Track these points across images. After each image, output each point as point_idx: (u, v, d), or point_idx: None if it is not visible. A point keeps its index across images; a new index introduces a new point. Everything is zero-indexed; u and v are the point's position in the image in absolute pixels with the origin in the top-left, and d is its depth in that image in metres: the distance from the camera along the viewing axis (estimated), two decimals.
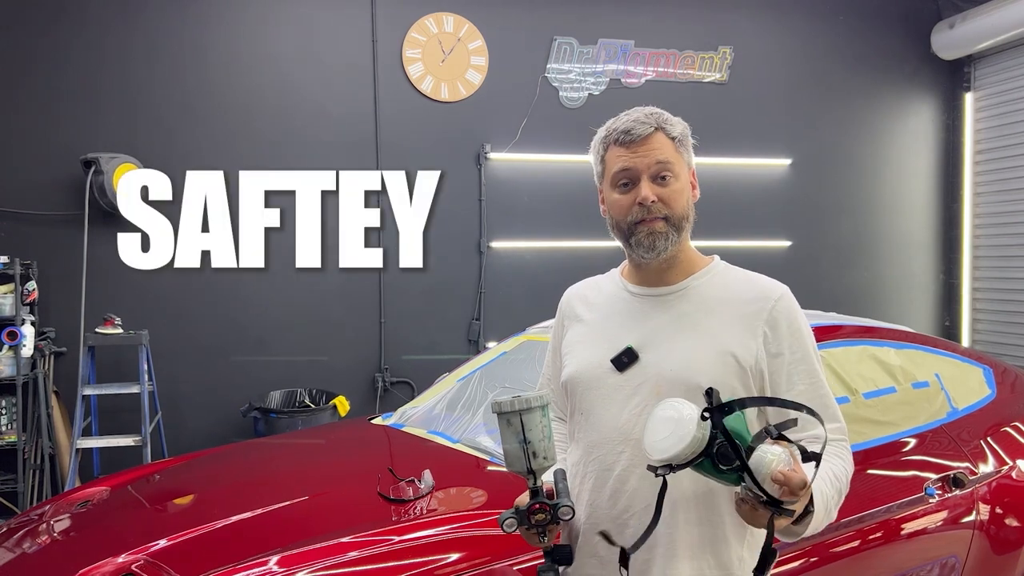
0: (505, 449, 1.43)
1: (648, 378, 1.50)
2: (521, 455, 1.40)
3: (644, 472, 1.45)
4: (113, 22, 4.85)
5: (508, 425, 1.41)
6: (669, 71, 5.79)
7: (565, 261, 5.52)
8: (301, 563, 1.87)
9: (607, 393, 1.53)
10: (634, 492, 1.48)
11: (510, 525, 1.40)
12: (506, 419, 1.42)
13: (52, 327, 4.75)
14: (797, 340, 1.51)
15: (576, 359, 1.61)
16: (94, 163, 4.59)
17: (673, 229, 1.51)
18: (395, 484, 2.28)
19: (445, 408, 3.00)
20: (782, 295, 1.54)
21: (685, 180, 1.54)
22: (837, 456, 1.50)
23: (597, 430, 1.54)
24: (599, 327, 1.61)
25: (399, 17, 5.29)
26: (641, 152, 1.51)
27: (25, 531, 2.44)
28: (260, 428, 4.66)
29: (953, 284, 6.52)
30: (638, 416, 1.48)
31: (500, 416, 1.43)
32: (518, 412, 1.41)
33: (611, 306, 1.62)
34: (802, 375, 1.51)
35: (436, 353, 5.28)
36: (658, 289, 1.57)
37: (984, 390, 2.97)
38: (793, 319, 1.52)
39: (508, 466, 1.44)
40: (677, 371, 1.48)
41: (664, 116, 1.55)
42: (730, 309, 1.52)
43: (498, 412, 1.43)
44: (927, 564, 2.47)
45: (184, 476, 2.85)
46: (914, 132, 6.41)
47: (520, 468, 1.41)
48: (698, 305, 1.54)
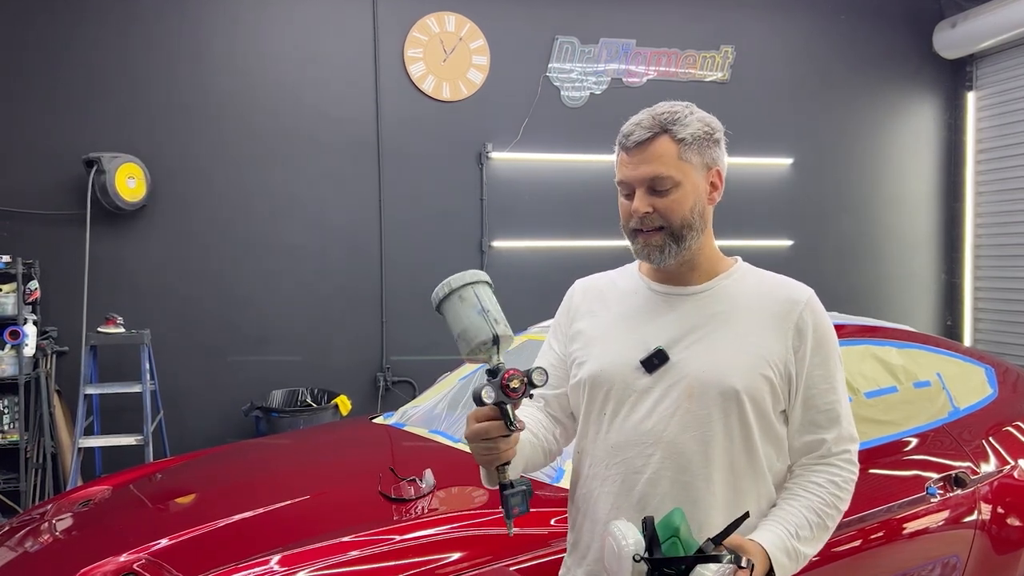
0: (462, 328, 1.36)
1: (679, 380, 1.46)
2: (484, 323, 1.35)
3: (676, 475, 1.45)
4: (115, 21, 4.85)
5: (462, 301, 1.37)
6: (671, 70, 5.79)
7: (566, 261, 5.52)
8: (302, 562, 1.87)
9: (636, 394, 1.49)
10: (664, 496, 1.45)
11: (488, 395, 1.31)
12: (458, 295, 1.37)
13: (54, 326, 4.76)
14: (821, 345, 1.51)
15: (598, 357, 1.54)
16: (96, 162, 4.59)
17: (672, 239, 1.47)
18: (396, 483, 2.28)
19: (446, 407, 3.00)
20: (809, 298, 1.53)
21: (692, 185, 1.48)
22: (823, 484, 1.49)
23: (623, 432, 1.49)
24: (620, 324, 1.56)
25: (400, 17, 5.29)
26: (636, 161, 1.47)
27: (27, 530, 2.45)
28: (262, 427, 4.66)
29: (955, 283, 6.51)
30: (669, 418, 1.46)
31: (451, 295, 1.38)
32: (470, 284, 1.37)
33: (631, 303, 1.57)
34: (821, 379, 1.51)
35: (437, 353, 5.28)
36: (683, 289, 1.54)
37: (986, 389, 2.96)
38: (819, 323, 1.52)
39: (467, 344, 1.37)
40: (710, 373, 1.45)
41: (676, 116, 1.48)
42: (759, 311, 1.50)
43: (448, 291, 1.38)
44: (928, 564, 2.47)
45: (186, 475, 2.86)
46: (916, 131, 6.40)
47: (484, 337, 1.35)
48: (728, 306, 1.51)
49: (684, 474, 1.45)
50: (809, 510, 1.46)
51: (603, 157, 5.47)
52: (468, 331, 1.36)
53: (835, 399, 1.51)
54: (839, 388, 1.53)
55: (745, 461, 1.47)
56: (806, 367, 1.49)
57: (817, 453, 1.51)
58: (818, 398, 1.50)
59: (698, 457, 1.45)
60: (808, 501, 1.47)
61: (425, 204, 5.39)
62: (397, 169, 5.32)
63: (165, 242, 4.95)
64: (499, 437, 1.34)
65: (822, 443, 1.50)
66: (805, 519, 1.46)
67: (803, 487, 1.49)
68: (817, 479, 1.49)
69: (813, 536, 1.46)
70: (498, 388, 1.32)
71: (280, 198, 5.13)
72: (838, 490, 1.49)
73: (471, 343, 1.36)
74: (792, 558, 1.42)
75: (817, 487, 1.49)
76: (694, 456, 1.45)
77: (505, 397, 1.32)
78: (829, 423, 1.50)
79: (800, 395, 1.50)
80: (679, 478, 1.45)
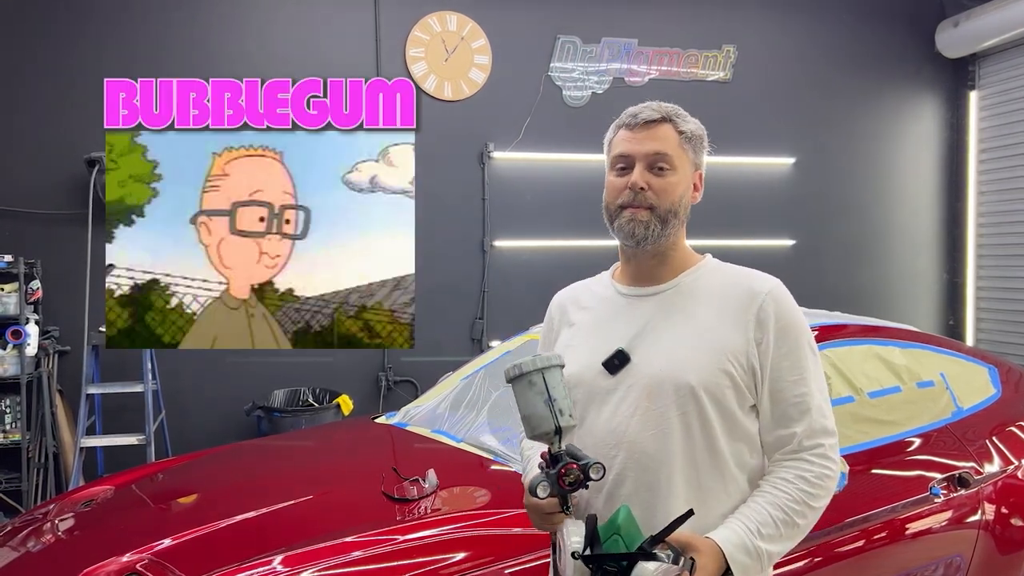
0: (527, 414, 1.39)
1: (639, 379, 1.48)
2: (548, 414, 1.36)
3: (639, 475, 1.46)
4: (117, 21, 4.85)
5: (531, 386, 1.38)
6: (672, 70, 5.78)
7: (568, 260, 5.51)
8: (305, 563, 1.87)
9: (600, 396, 1.51)
10: (629, 496, 1.46)
11: (544, 489, 1.34)
12: (527, 380, 1.38)
13: (56, 326, 4.76)
14: (786, 334, 1.48)
15: (570, 363, 1.55)
16: (97, 162, 4.59)
17: (657, 220, 1.49)
18: (399, 483, 2.28)
19: (449, 407, 3.00)
20: (772, 288, 1.51)
21: (684, 176, 1.53)
22: (790, 480, 1.45)
23: (591, 434, 1.51)
24: (590, 330, 1.59)
25: (402, 16, 5.29)
26: (642, 137, 1.52)
27: (29, 530, 2.45)
28: (264, 427, 4.66)
29: (957, 283, 6.50)
30: (630, 418, 1.47)
31: (521, 377, 1.39)
32: (541, 370, 1.38)
33: (602, 308, 1.60)
34: (788, 370, 1.47)
35: (439, 352, 5.28)
36: (648, 288, 1.56)
37: (989, 389, 2.96)
38: (783, 312, 1.49)
39: (531, 431, 1.39)
40: (666, 370, 1.46)
41: (679, 111, 1.55)
42: (719, 304, 1.50)
43: (518, 374, 1.39)
44: (932, 564, 2.46)
45: (188, 475, 2.86)
46: (918, 131, 6.39)
47: (547, 428, 1.37)
48: (688, 303, 1.52)
49: (646, 473, 1.45)
50: (774, 507, 1.43)
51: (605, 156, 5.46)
52: (532, 419, 1.39)
53: (805, 391, 1.47)
54: (810, 380, 1.48)
55: (708, 458, 1.46)
56: (770, 359, 1.47)
57: (788, 448, 1.47)
58: (787, 391, 1.47)
59: (658, 455, 1.45)
60: (773, 497, 1.44)
61: (427, 203, 5.38)
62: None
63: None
64: (554, 513, 1.39)
65: (792, 437, 1.46)
66: (769, 516, 1.42)
67: (771, 483, 1.46)
68: (785, 475, 1.46)
69: (779, 534, 1.42)
70: (555, 482, 1.34)
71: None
72: (808, 486, 1.44)
73: (535, 430, 1.39)
74: (754, 557, 1.39)
75: (785, 483, 1.45)
76: (655, 455, 1.45)
77: (560, 489, 1.35)
78: (800, 416, 1.46)
79: (767, 387, 1.47)
80: (642, 477, 1.45)
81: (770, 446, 1.50)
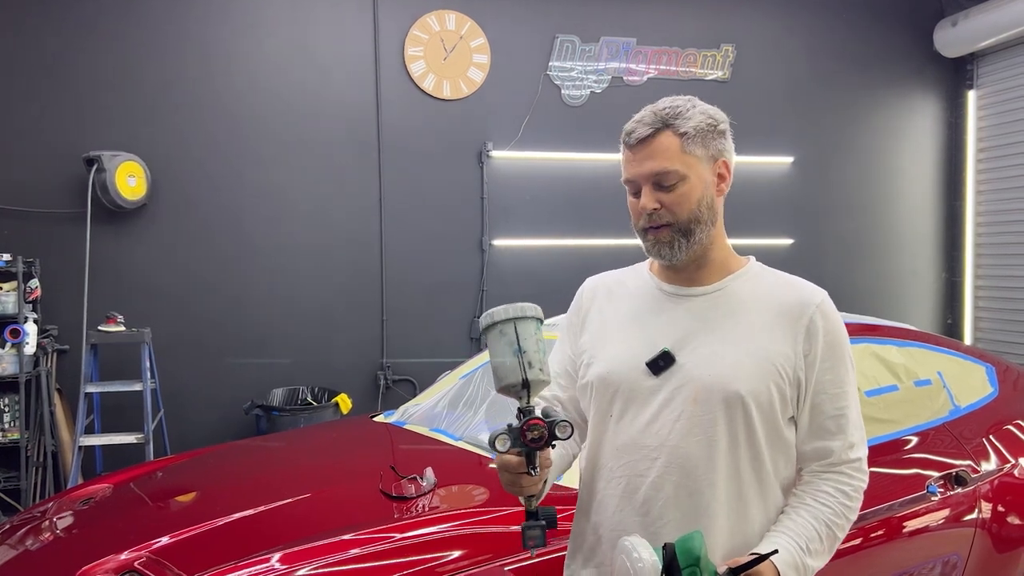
0: (496, 364, 1.32)
1: (685, 383, 1.44)
2: (516, 366, 1.30)
3: (680, 480, 1.43)
4: (116, 19, 4.85)
5: (501, 335, 1.32)
6: (671, 69, 5.79)
7: (567, 259, 5.52)
8: (303, 560, 1.87)
9: (642, 396, 1.47)
10: (668, 501, 1.43)
11: (502, 442, 1.28)
12: (498, 329, 1.33)
13: (55, 325, 4.76)
14: (833, 349, 1.47)
15: (605, 359, 1.52)
16: (96, 161, 4.59)
17: (680, 235, 1.46)
18: (397, 482, 2.28)
19: (447, 406, 3.00)
20: (821, 302, 1.49)
21: (698, 179, 1.46)
22: (832, 493, 1.46)
23: (628, 434, 1.47)
24: (627, 324, 1.54)
25: (401, 15, 5.29)
26: (640, 158, 1.46)
27: (28, 528, 2.45)
28: (262, 426, 4.67)
29: (955, 282, 6.51)
30: (674, 422, 1.44)
31: (493, 327, 1.34)
32: (512, 320, 1.33)
33: (640, 303, 1.55)
34: (830, 384, 1.47)
35: (438, 351, 5.28)
36: (693, 289, 1.52)
37: (986, 388, 2.96)
38: (831, 327, 1.48)
39: (499, 382, 1.33)
40: (715, 376, 1.42)
41: (677, 111, 1.46)
42: (769, 313, 1.47)
43: (490, 323, 1.34)
44: (929, 562, 2.47)
45: (186, 473, 2.86)
46: (916, 130, 6.40)
47: (514, 380, 1.31)
48: (736, 308, 1.48)
49: (688, 479, 1.43)
50: (819, 521, 1.43)
51: (603, 156, 5.47)
52: (499, 369, 1.33)
53: (845, 405, 1.47)
54: (850, 394, 1.49)
55: (750, 467, 1.45)
56: (816, 372, 1.45)
57: (826, 460, 1.47)
58: (827, 404, 1.46)
59: (702, 463, 1.43)
60: (818, 511, 1.44)
61: (425, 203, 5.39)
62: (398, 168, 5.32)
63: (165, 240, 4.95)
64: (521, 474, 1.32)
65: (831, 450, 1.46)
66: (815, 531, 1.42)
67: (812, 496, 1.46)
68: (826, 487, 1.46)
69: (823, 549, 1.43)
70: (516, 436, 1.29)
71: (281, 196, 5.13)
72: (847, 499, 1.46)
73: (501, 381, 1.33)
74: (800, 573, 1.40)
75: (827, 496, 1.45)
76: (699, 462, 1.43)
77: (522, 445, 1.29)
78: (838, 429, 1.47)
79: (809, 400, 1.46)
80: (683, 483, 1.43)
81: (805, 456, 1.49)
